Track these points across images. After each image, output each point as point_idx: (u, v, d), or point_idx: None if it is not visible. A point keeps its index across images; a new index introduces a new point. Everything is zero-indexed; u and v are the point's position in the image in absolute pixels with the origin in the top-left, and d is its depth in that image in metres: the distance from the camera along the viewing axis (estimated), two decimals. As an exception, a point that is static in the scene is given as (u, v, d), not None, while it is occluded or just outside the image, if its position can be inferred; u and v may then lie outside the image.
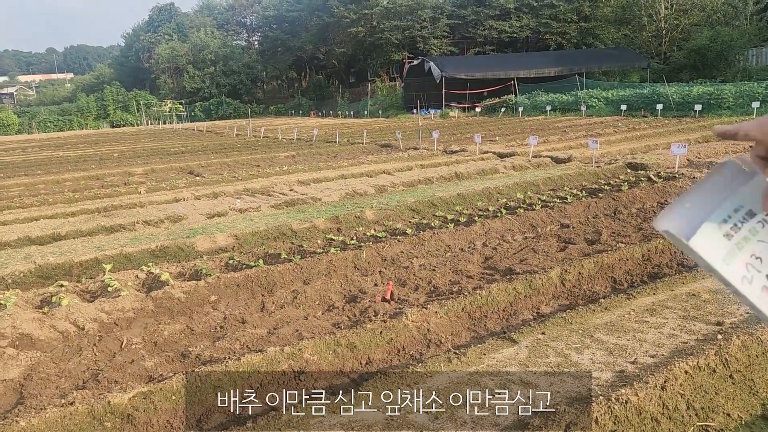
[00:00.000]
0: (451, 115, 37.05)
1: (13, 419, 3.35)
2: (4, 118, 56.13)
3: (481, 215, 8.18)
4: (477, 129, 23.13)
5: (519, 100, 35.37)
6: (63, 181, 15.13)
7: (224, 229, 8.10)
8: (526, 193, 9.52)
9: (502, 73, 39.29)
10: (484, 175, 11.93)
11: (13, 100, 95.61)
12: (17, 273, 6.55)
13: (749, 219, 0.84)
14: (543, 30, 51.59)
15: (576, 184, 10.28)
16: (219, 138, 30.96)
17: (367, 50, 57.12)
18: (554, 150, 14.64)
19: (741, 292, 0.83)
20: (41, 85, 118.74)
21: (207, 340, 4.68)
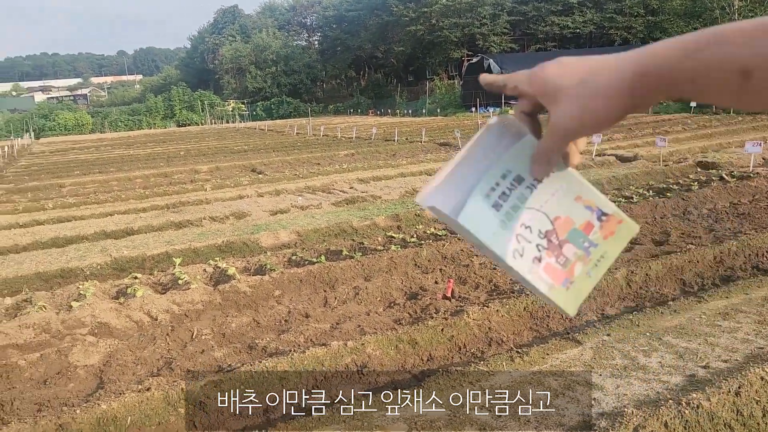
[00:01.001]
0: (511, 113, 36.46)
1: (95, 402, 3.55)
2: (79, 118, 58.93)
3: (543, 214, 8.05)
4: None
5: (582, 97, 34.51)
6: (134, 178, 15.79)
7: (287, 226, 8.29)
8: (589, 193, 9.30)
9: (564, 69, 38.45)
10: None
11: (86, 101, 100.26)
12: (95, 265, 6.91)
13: (517, 185, 0.76)
14: (607, 25, 50.21)
15: (642, 183, 9.99)
16: (280, 137, 31.58)
17: (425, 48, 57.02)
18: (619, 148, 14.25)
19: (513, 267, 0.75)
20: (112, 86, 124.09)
21: (272, 333, 4.82)
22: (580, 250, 0.78)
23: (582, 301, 0.78)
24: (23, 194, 14.01)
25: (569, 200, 0.77)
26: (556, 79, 0.72)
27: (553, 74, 0.73)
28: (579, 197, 0.78)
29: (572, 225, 0.77)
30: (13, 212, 11.04)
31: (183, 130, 50.98)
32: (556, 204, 0.77)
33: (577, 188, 0.78)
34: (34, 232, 8.89)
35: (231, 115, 63.10)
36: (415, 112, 47.52)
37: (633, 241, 6.57)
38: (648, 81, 0.67)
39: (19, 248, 7.98)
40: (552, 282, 0.76)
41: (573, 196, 0.78)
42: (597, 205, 0.78)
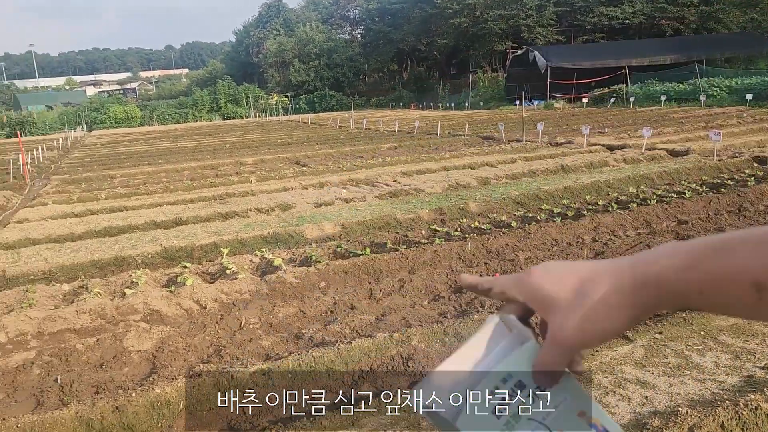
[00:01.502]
0: (556, 106, 35.94)
1: (149, 386, 3.66)
2: (128, 112, 60.54)
3: (590, 209, 7.92)
4: (584, 120, 22.31)
5: (630, 89, 33.69)
6: (181, 170, 16.14)
7: (331, 218, 8.35)
8: (639, 187, 9.10)
9: (612, 61, 37.55)
10: (592, 168, 11.52)
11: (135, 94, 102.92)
12: (146, 254, 7.10)
13: (518, 392, 0.71)
14: (658, 15, 48.74)
15: (695, 178, 9.70)
16: (323, 130, 31.82)
17: (469, 41, 56.48)
18: (670, 142, 13.86)
19: None
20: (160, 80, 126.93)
21: (319, 324, 4.87)
22: None
23: None
24: (77, 185, 14.49)
25: (572, 415, 0.73)
26: (547, 288, 0.68)
27: (543, 282, 0.69)
28: (583, 413, 0.73)
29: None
30: (68, 202, 11.43)
31: (228, 123, 51.84)
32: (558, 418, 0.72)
33: (581, 403, 0.73)
34: (88, 221, 9.19)
35: (274, 108, 63.83)
36: (458, 105, 47.18)
37: (685, 238, 6.39)
38: (648, 292, 0.63)
39: (75, 237, 8.27)
40: None
41: (576, 411, 0.73)
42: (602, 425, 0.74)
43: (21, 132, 30.58)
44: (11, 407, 3.82)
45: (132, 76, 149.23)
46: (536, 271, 0.70)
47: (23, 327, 4.86)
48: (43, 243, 7.97)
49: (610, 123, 21.37)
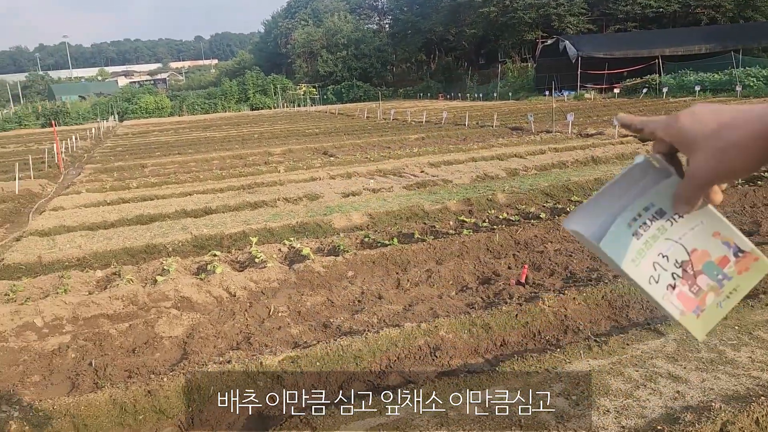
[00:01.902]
0: (586, 96, 35.39)
1: (180, 371, 3.72)
2: (159, 102, 61.30)
3: (621, 201, 7.79)
4: (615, 111, 21.95)
5: (663, 79, 33.01)
6: (211, 160, 16.32)
7: (359, 208, 8.37)
8: (671, 179, 8.92)
9: (644, 51, 36.79)
10: (624, 160, 11.33)
11: (165, 85, 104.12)
12: (176, 242, 7.21)
13: (659, 218, 0.81)
14: (694, 3, 47.55)
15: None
16: (350, 120, 31.84)
17: (498, 30, 55.82)
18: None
19: (648, 291, 0.81)
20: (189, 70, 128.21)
21: (346, 313, 4.90)
22: (713, 281, 0.83)
23: (711, 329, 0.84)
24: (110, 174, 14.76)
25: (707, 235, 0.83)
26: (690, 130, 0.76)
27: (687, 125, 0.77)
28: (717, 233, 0.83)
29: (708, 258, 0.83)
30: (101, 190, 11.65)
31: (256, 114, 52.20)
32: (693, 237, 0.82)
33: (716, 225, 0.83)
34: (121, 209, 9.36)
35: (302, 98, 64.03)
36: (486, 96, 46.76)
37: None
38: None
39: (108, 224, 8.43)
40: (684, 308, 0.83)
41: (711, 232, 0.83)
42: (735, 242, 0.83)
43: (55, 122, 31.15)
44: (47, 389, 3.93)
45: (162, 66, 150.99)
46: (684, 115, 0.78)
47: (59, 312, 4.98)
48: (77, 230, 8.14)
49: (643, 114, 20.92)
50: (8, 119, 54.11)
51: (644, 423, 2.84)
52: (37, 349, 4.36)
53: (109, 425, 3.39)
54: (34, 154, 17.47)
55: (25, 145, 26.72)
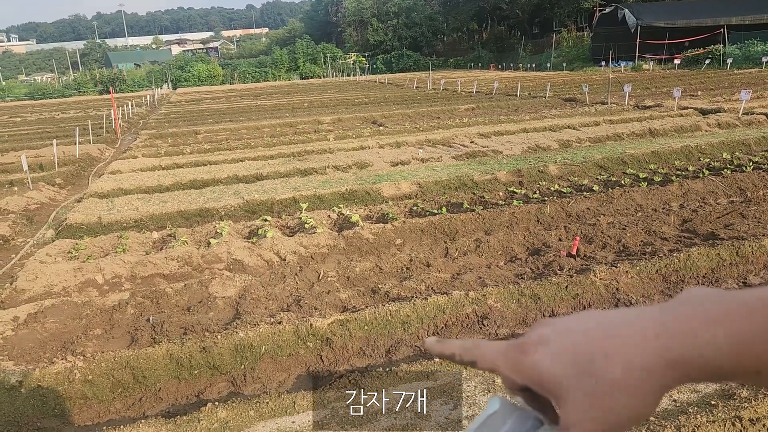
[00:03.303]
0: (644, 67, 34.08)
1: (233, 330, 3.84)
2: (211, 70, 62.16)
3: (679, 175, 7.55)
4: (675, 83, 21.09)
5: (728, 50, 31.44)
6: (261, 128, 16.49)
7: (407, 177, 8.35)
8: (733, 153, 8.58)
9: (709, 20, 35.03)
10: (682, 133, 10.92)
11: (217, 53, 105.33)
12: (229, 207, 7.36)
13: None
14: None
15: (797, 145, 9.04)
16: (399, 90, 31.61)
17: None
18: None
19: None
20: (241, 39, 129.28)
21: (394, 279, 4.93)
22: None
23: None
24: (164, 139, 15.11)
25: None
26: (549, 369, 0.54)
27: (543, 362, 0.55)
28: None
29: None
30: (156, 156, 11.96)
31: (306, 83, 52.38)
32: None
33: None
34: (175, 174, 9.59)
35: (352, 68, 63.85)
36: (539, 66, 45.59)
37: (784, 208, 6.00)
38: (683, 370, 0.51)
39: (163, 188, 8.67)
40: None
41: None
42: None
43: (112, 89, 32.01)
44: (109, 342, 4.11)
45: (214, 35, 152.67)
46: (532, 347, 0.56)
47: (118, 270, 5.19)
48: (134, 193, 8.40)
49: (704, 86, 20.11)
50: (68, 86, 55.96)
51: (697, 398, 2.79)
52: (98, 305, 4.55)
53: (166, 378, 3.53)
54: (93, 120, 18.02)
55: (84, 111, 27.59)
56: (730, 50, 31.24)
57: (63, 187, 10.06)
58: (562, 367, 0.54)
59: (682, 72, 29.44)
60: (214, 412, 2.97)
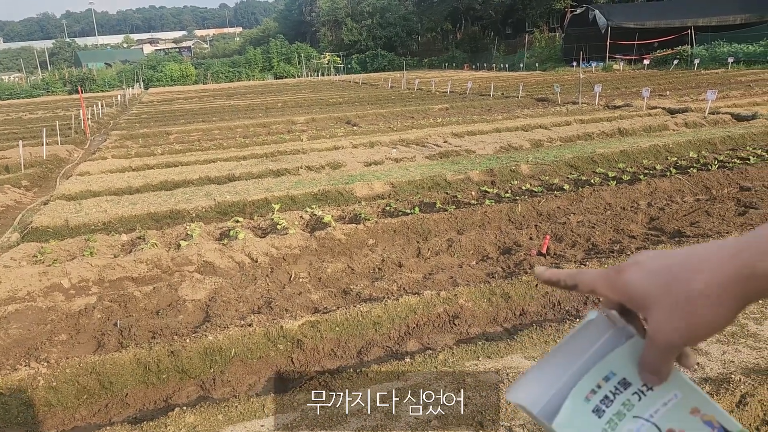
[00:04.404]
0: (615, 68, 34.60)
1: (202, 333, 3.79)
2: (183, 70, 61.43)
3: (647, 174, 7.68)
4: (644, 83, 21.44)
5: (695, 51, 32.09)
6: (234, 128, 16.36)
7: (381, 177, 8.35)
8: (699, 152, 8.75)
9: (677, 21, 35.69)
10: (651, 132, 11.11)
11: (190, 53, 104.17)
12: (200, 208, 7.29)
13: (623, 390, 0.67)
14: (730, -29, 45.86)
15: (761, 144, 9.25)
16: (374, 90, 31.61)
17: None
18: (735, 106, 13.20)
19: None
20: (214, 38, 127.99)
21: (366, 280, 4.93)
22: None
23: None
24: (135, 140, 14.90)
25: (684, 412, 0.68)
26: (639, 284, 0.64)
27: (635, 278, 0.64)
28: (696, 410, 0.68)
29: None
30: (126, 156, 11.78)
31: (280, 82, 52.07)
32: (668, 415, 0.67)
33: (694, 399, 0.68)
34: (146, 175, 9.46)
35: (326, 67, 63.67)
36: (512, 66, 45.99)
37: (748, 205, 6.14)
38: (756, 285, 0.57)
39: (133, 190, 8.54)
40: None
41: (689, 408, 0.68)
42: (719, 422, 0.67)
43: (82, 88, 31.46)
44: (74, 348, 4.04)
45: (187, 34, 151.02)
46: (627, 267, 0.66)
47: (85, 273, 5.09)
48: (103, 195, 8.27)
49: (672, 86, 20.48)
50: (36, 86, 54.81)
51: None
52: (64, 309, 4.47)
53: (133, 383, 3.48)
54: (61, 121, 17.70)
55: (52, 111, 27.06)
56: (697, 51, 31.90)
57: (29, 189, 9.86)
58: (651, 283, 0.63)
59: (651, 72, 29.95)
60: (182, 417, 2.93)
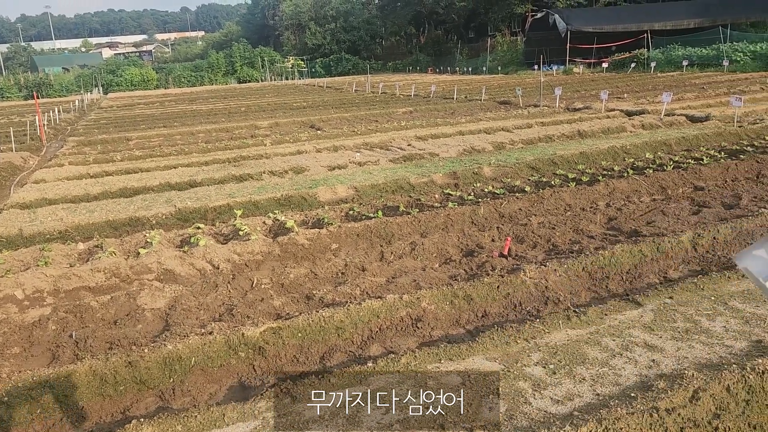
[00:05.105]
0: (575, 71, 35.25)
1: (161, 343, 3.72)
2: (144, 74, 60.35)
3: (605, 175, 7.83)
4: (603, 86, 21.91)
5: (652, 54, 32.96)
6: (197, 133, 16.15)
7: (344, 181, 8.34)
8: (656, 153, 8.97)
9: (633, 25, 36.60)
10: (609, 134, 11.35)
11: (151, 57, 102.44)
12: (160, 215, 7.16)
13: None
14: (683, -23, 47.15)
15: (714, 144, 9.53)
16: (338, 94, 31.57)
17: (488, 4, 55.23)
18: (690, 108, 13.59)
19: None
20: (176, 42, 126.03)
21: (329, 285, 4.91)
22: None
23: None
24: (93, 147, 14.57)
25: None
26: None
27: None
28: None
29: None
30: (84, 163, 11.51)
31: (243, 87, 51.56)
32: None
33: None
34: (104, 182, 9.26)
35: (290, 71, 63.29)
36: (475, 69, 46.47)
37: (701, 204, 6.31)
38: None
39: (90, 197, 8.35)
40: None
41: None
42: None
43: (38, 94, 30.64)
44: (27, 361, 3.92)
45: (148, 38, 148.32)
46: None
47: (39, 284, 4.95)
48: (59, 203, 8.06)
49: (630, 88, 20.97)
50: (-10, 91, 53.18)
51: (618, 390, 2.89)
52: (17, 321, 4.34)
53: (89, 396, 3.39)
54: (16, 127, 17.21)
55: (7, 117, 26.28)
56: (654, 54, 32.75)
57: (-18, 198, 9.54)
58: None
59: (610, 75, 30.61)
60: (139, 429, 2.87)
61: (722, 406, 2.68)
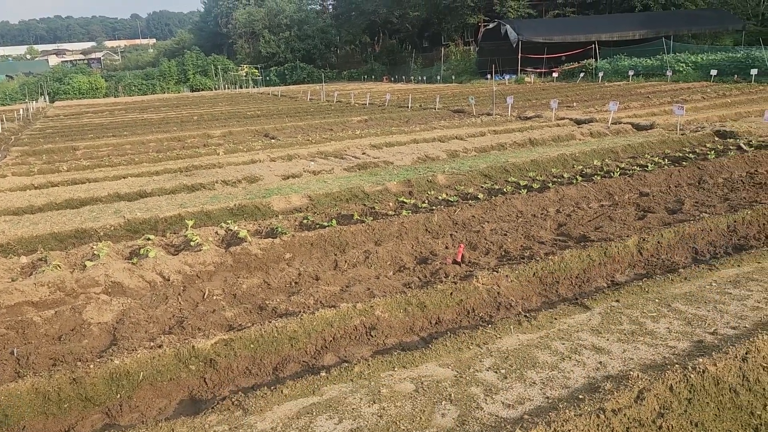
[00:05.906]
0: (527, 80, 36.01)
1: (108, 358, 3.61)
2: (93, 82, 58.91)
3: (556, 182, 8.01)
4: (553, 95, 22.44)
5: (599, 64, 33.96)
6: (147, 142, 15.82)
7: (298, 190, 8.29)
8: (603, 161, 9.22)
9: (582, 36, 37.71)
10: (559, 142, 11.62)
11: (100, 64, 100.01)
12: (108, 226, 6.97)
13: None
14: (628, -10, 48.85)
15: (658, 151, 9.86)
16: (293, 102, 31.42)
17: (441, 13, 55.99)
18: (636, 117, 14.03)
19: None
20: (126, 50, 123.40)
21: (283, 295, 4.86)
22: None
23: None
24: (38, 157, 14.11)
25: None
26: None
27: None
28: None
29: None
30: (28, 174, 11.13)
31: (196, 95, 50.82)
32: None
33: None
34: (49, 193, 8.97)
35: (244, 80, 62.72)
36: (430, 78, 46.98)
37: (646, 210, 6.51)
38: None
39: (35, 209, 8.07)
40: None
41: None
42: None
43: (-21, 102, 29.53)
44: (-34, 380, 3.75)
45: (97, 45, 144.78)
46: None
47: (-21, 300, 4.75)
48: (0, 215, 7.76)
49: (579, 98, 21.53)
50: (-73, 99, 50.94)
51: (567, 393, 2.95)
52: (-46, 339, 4.15)
53: (31, 415, 3.27)
54: (-45, 136, 16.51)
55: (-55, 127, 25.21)
56: (601, 64, 33.75)
57: None
58: None
59: (560, 84, 31.38)
60: (84, 448, 2.78)
61: (666, 405, 2.76)
